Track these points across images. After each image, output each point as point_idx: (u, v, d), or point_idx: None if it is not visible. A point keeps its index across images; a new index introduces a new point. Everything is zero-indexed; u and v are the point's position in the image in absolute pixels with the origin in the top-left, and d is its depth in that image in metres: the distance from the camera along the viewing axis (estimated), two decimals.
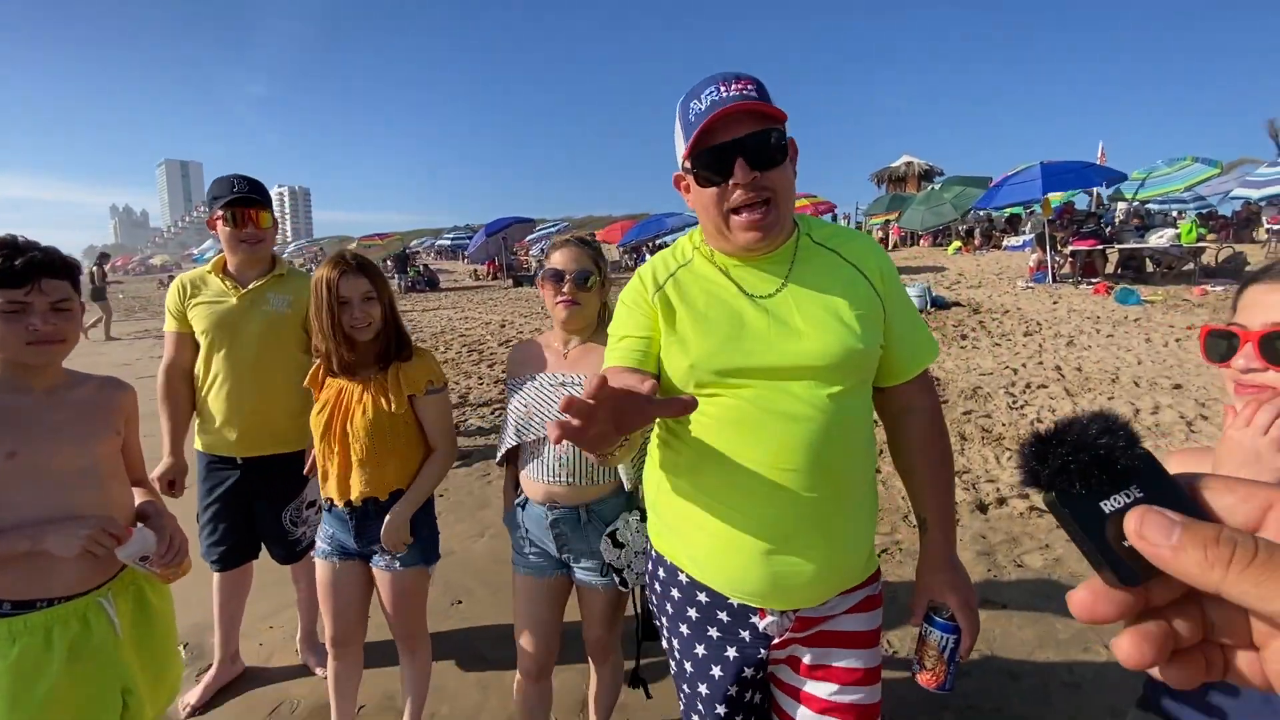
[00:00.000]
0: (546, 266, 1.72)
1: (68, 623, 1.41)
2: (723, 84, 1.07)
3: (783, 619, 1.17)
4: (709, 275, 1.20)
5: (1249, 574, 0.26)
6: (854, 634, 1.21)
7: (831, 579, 1.15)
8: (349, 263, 1.78)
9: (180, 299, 2.25)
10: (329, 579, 1.94)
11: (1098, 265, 12.25)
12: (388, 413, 1.79)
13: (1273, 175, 13.27)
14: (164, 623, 1.63)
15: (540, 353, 1.79)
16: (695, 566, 1.20)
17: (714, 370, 1.13)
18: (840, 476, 1.12)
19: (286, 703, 2.40)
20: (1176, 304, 9.35)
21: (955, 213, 17.94)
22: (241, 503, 2.31)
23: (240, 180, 2.24)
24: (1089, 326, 8.22)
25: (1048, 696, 2.24)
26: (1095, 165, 12.87)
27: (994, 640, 2.53)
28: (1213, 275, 11.41)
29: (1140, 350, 6.86)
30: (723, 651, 1.20)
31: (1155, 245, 11.53)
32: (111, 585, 1.49)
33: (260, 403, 2.23)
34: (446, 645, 2.62)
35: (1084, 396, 5.46)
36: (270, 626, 2.86)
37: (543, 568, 1.78)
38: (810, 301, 1.14)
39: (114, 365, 9.64)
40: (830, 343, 1.10)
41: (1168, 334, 7.47)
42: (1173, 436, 4.46)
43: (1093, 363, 6.52)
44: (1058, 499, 0.33)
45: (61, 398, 1.46)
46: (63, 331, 1.41)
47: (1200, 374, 5.86)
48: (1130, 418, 4.70)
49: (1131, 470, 0.32)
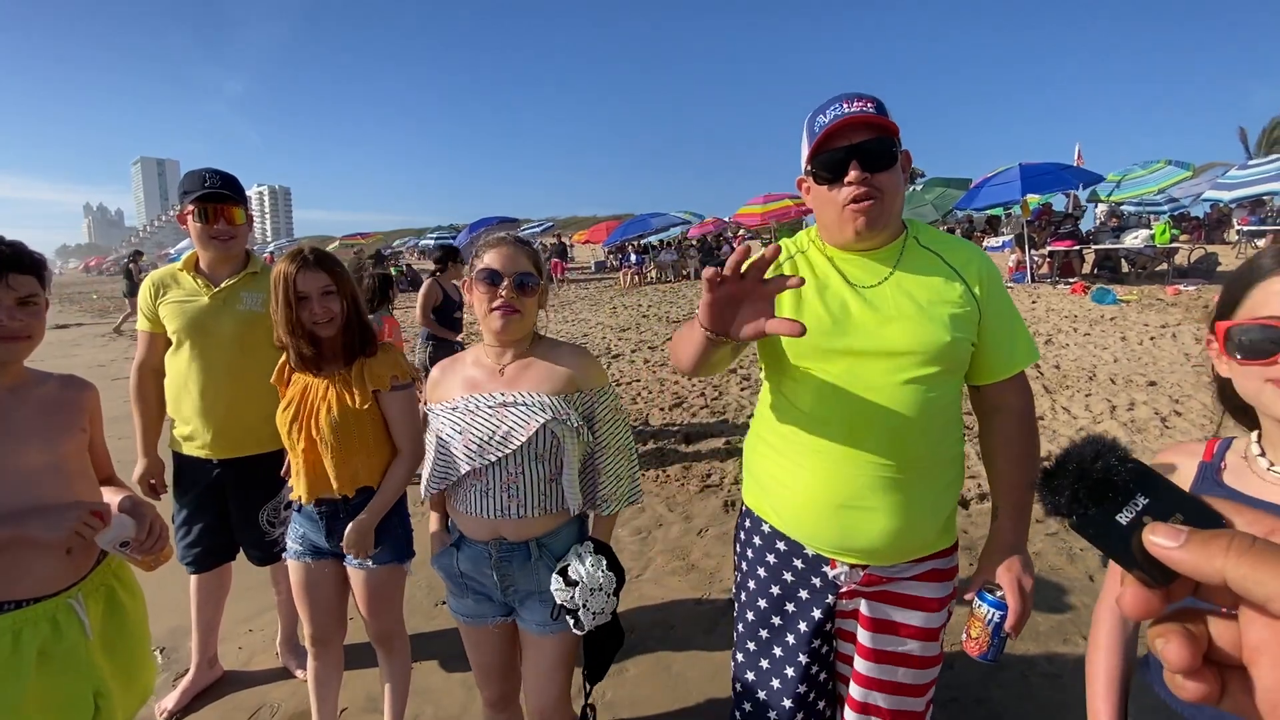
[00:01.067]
0: (478, 266, 1.49)
1: (37, 625, 1.37)
2: (845, 101, 1.25)
3: (852, 571, 1.32)
4: (820, 264, 1.35)
5: (1246, 559, 0.29)
6: (917, 598, 1.34)
7: (897, 543, 1.27)
8: (306, 258, 1.75)
9: (151, 298, 2.20)
10: (303, 579, 1.91)
11: (1075, 265, 12.47)
12: (352, 409, 1.75)
13: (1242, 178, 13.60)
14: (136, 624, 1.59)
15: (470, 372, 1.58)
16: (779, 519, 1.38)
17: (813, 346, 1.27)
18: (913, 453, 1.25)
19: (267, 706, 2.36)
20: (1151, 303, 9.55)
21: (937, 213, 18.12)
22: (217, 504, 2.27)
23: (212, 174, 2.18)
24: (1067, 325, 8.36)
25: (1028, 686, 2.27)
26: (1073, 167, 13.10)
27: None
28: (1185, 275, 11.67)
29: (1116, 348, 6.99)
30: (796, 593, 1.37)
31: (1130, 246, 11.77)
32: (81, 586, 1.45)
33: (235, 403, 2.19)
34: (430, 646, 2.60)
35: (1062, 394, 5.55)
36: (249, 630, 2.82)
37: (483, 614, 1.61)
38: (907, 295, 1.27)
39: (88, 365, 9.44)
40: (918, 332, 1.24)
41: (1143, 332, 7.62)
42: (1148, 432, 4.55)
43: (1071, 360, 6.63)
44: (1079, 523, 0.37)
45: (25, 395, 1.42)
46: (29, 327, 1.38)
47: (1174, 371, 5.98)
48: (1116, 437, 4.78)
49: (1132, 483, 0.36)
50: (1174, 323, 8.04)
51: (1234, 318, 0.93)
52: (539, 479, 1.50)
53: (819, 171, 1.27)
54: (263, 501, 2.30)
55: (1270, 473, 0.93)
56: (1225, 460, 0.99)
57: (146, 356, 2.24)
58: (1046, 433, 4.65)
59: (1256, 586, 0.29)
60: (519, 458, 1.47)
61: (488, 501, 1.50)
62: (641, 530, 3.62)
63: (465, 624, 1.65)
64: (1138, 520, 0.34)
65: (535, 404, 1.47)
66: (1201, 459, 1.02)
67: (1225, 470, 0.98)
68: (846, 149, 1.22)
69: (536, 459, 1.48)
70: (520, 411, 1.47)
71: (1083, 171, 12.66)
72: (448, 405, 1.55)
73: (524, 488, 1.49)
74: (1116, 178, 15.16)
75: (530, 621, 1.56)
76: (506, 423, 1.46)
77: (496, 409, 1.49)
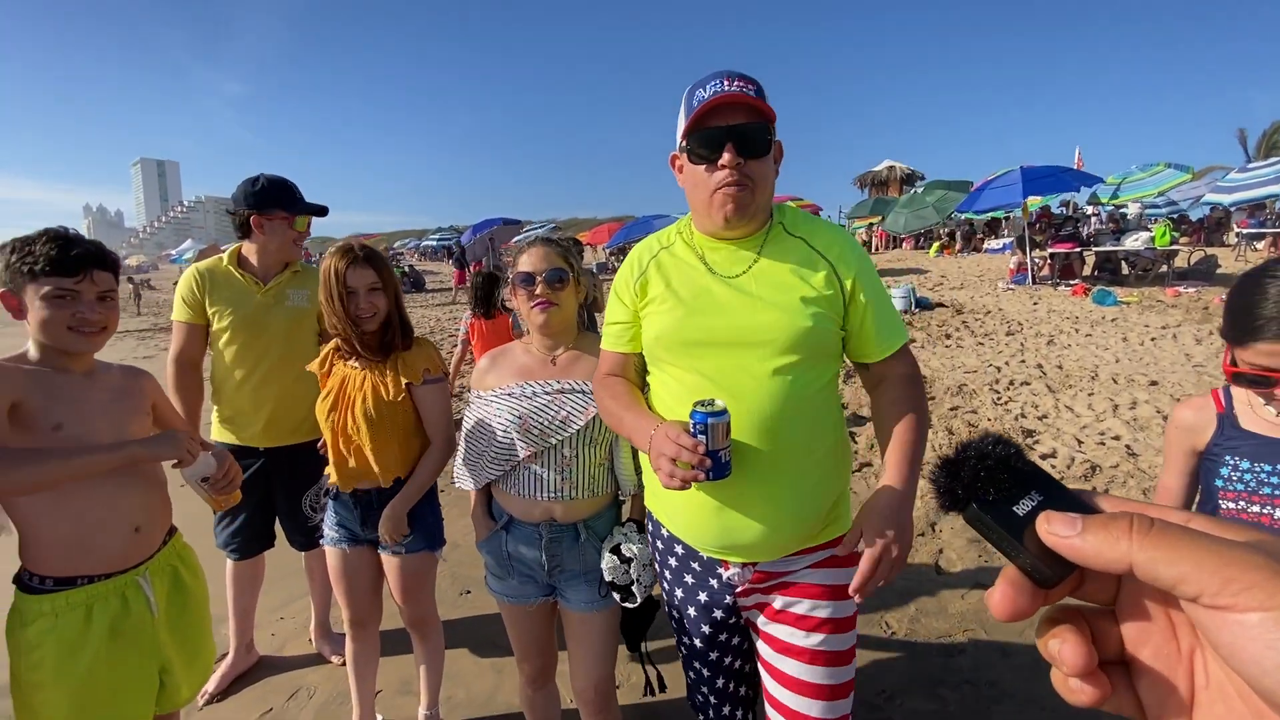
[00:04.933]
0: (515, 271, 1.61)
1: (108, 600, 1.46)
2: (726, 79, 1.21)
3: (744, 570, 1.32)
4: (685, 257, 1.35)
5: (1150, 540, 0.27)
6: (817, 586, 1.31)
7: (779, 538, 1.25)
8: (356, 254, 1.83)
9: (198, 290, 2.25)
10: (340, 565, 1.99)
11: (1076, 267, 12.57)
12: (386, 400, 1.81)
13: (1242, 181, 13.71)
14: (198, 604, 1.68)
15: (523, 361, 1.67)
16: (671, 524, 1.39)
17: (677, 341, 1.28)
18: (786, 445, 1.22)
19: (304, 689, 2.44)
20: (1151, 305, 9.65)
21: (938, 216, 18.26)
22: (259, 492, 2.35)
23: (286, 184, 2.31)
24: (1068, 326, 8.46)
25: (1038, 671, 2.36)
26: (1073, 170, 13.20)
27: (986, 622, 2.64)
28: (1185, 277, 11.77)
29: (1118, 349, 7.08)
30: (696, 595, 1.39)
31: (1130, 248, 11.87)
32: (149, 565, 1.54)
33: (285, 395, 2.27)
34: (458, 633, 2.68)
35: (1065, 393, 5.64)
36: (280, 618, 2.90)
37: (527, 593, 1.68)
38: (771, 282, 1.26)
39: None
40: (781, 319, 1.22)
41: (1144, 333, 7.71)
42: (1150, 430, 4.63)
43: (1073, 360, 6.72)
44: (977, 510, 0.36)
45: (96, 381, 1.52)
46: (107, 319, 1.48)
47: (1175, 370, 6.07)
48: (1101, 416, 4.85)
49: (1031, 474, 0.36)
50: (1174, 324, 8.14)
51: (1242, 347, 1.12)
52: (590, 463, 1.59)
53: (694, 149, 1.23)
54: (306, 488, 2.39)
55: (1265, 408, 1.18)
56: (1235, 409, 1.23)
57: (185, 347, 2.27)
58: (1051, 430, 4.74)
59: (1167, 568, 0.27)
60: (574, 441, 1.56)
61: (542, 484, 1.58)
62: None
63: (508, 604, 1.72)
64: (1033, 514, 0.34)
65: (590, 391, 1.56)
66: (1217, 410, 1.24)
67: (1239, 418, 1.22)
68: (724, 129, 1.19)
69: (590, 443, 1.57)
70: (578, 398, 1.56)
71: (1082, 174, 12.76)
72: (501, 390, 1.62)
73: (577, 471, 1.58)
74: (1116, 180, 15.28)
75: (577, 601, 1.64)
76: (566, 408, 1.55)
77: (555, 395, 1.57)
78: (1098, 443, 4.46)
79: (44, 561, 1.42)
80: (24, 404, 1.36)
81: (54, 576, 1.42)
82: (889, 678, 2.36)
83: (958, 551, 3.21)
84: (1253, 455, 1.18)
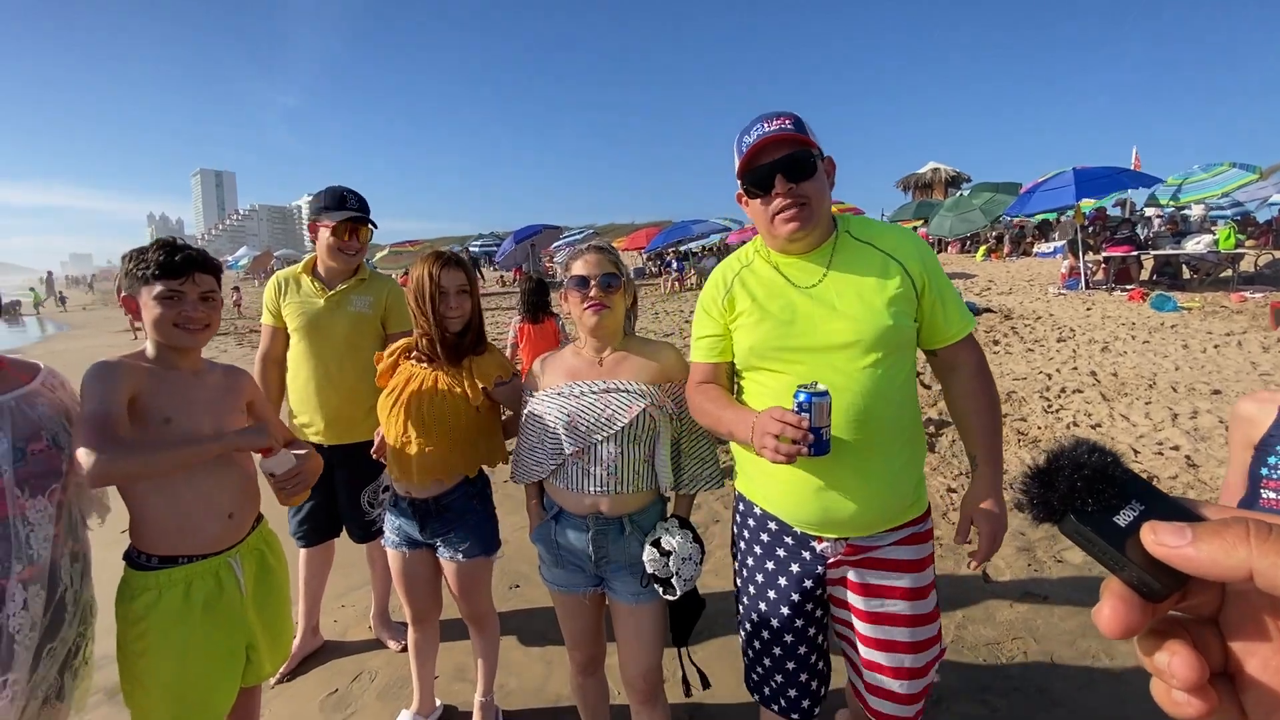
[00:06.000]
0: (570, 275, 1.70)
1: (204, 578, 1.59)
2: (766, 121, 1.39)
3: (835, 544, 1.46)
4: (765, 273, 1.51)
5: (1272, 546, 0.26)
6: (899, 560, 1.46)
7: (872, 514, 1.41)
8: (449, 258, 1.93)
9: (276, 296, 2.46)
10: (401, 567, 2.09)
11: (1132, 271, 12.10)
12: (452, 401, 1.87)
13: None
14: (281, 587, 1.81)
15: (571, 362, 1.75)
16: (768, 503, 1.53)
17: (770, 349, 1.44)
18: (877, 430, 1.38)
19: (366, 673, 2.58)
20: (1214, 310, 9.22)
21: (985, 219, 17.79)
22: (325, 485, 2.49)
23: (350, 194, 2.42)
24: (1124, 332, 8.16)
25: (1090, 679, 2.33)
26: (1129, 170, 12.72)
27: (1036, 630, 2.61)
28: (1251, 282, 11.21)
29: (1178, 356, 6.81)
30: (788, 567, 1.51)
31: (1192, 252, 11.37)
32: (239, 548, 1.67)
33: (345, 395, 2.42)
34: (508, 625, 2.78)
35: (1120, 401, 5.46)
36: (342, 605, 3.06)
37: (577, 583, 1.75)
38: (847, 287, 1.40)
39: None
40: (863, 321, 1.36)
41: (1205, 340, 7.39)
42: (1212, 440, 4.46)
43: (1128, 368, 6.49)
44: (1077, 520, 0.34)
45: (202, 378, 1.67)
46: (209, 318, 1.63)
47: (1240, 380, 5.81)
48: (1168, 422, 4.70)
49: (1129, 481, 0.34)
50: (1239, 331, 7.77)
51: None
52: (635, 459, 1.66)
53: (750, 187, 1.42)
54: (365, 484, 2.52)
55: None
56: None
57: (269, 348, 2.49)
58: (1105, 439, 4.61)
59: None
60: (620, 439, 1.63)
61: (588, 479, 1.65)
62: (700, 525, 3.75)
63: (559, 593, 1.80)
64: (1135, 524, 0.32)
65: (635, 391, 1.63)
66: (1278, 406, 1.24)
67: None
68: (770, 165, 1.36)
69: (634, 440, 1.64)
70: (622, 397, 1.63)
71: (1140, 175, 12.29)
72: (552, 391, 1.71)
73: (622, 467, 1.64)
74: (1176, 181, 14.65)
75: (623, 592, 1.70)
76: (611, 406, 1.63)
77: (601, 394, 1.65)
78: (1155, 453, 4.32)
79: (151, 541, 1.56)
80: (140, 397, 1.51)
81: (159, 555, 1.56)
82: (935, 683, 2.36)
83: (1006, 560, 3.17)
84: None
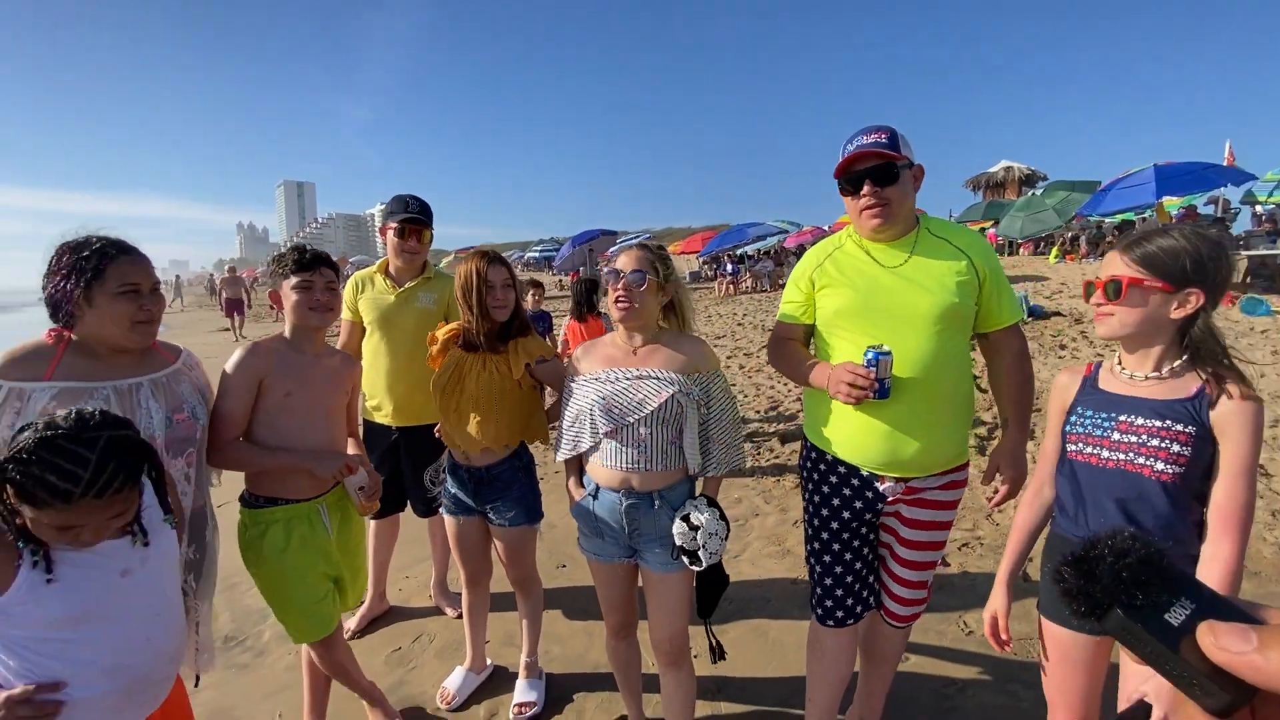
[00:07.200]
0: (609, 267, 1.87)
1: (300, 519, 1.93)
2: (866, 134, 1.72)
3: (896, 485, 1.76)
4: (855, 254, 1.82)
5: None
6: (939, 501, 1.82)
7: (928, 459, 1.73)
8: (493, 256, 2.18)
9: (354, 294, 2.75)
10: (456, 531, 2.33)
11: None
12: (497, 379, 2.09)
13: None
14: (359, 534, 2.15)
15: (609, 351, 1.92)
16: (838, 448, 1.81)
17: (852, 314, 1.76)
18: (937, 388, 1.70)
19: (425, 635, 2.85)
20: None
21: (1059, 219, 16.94)
22: (393, 462, 2.77)
23: (413, 200, 2.70)
24: None
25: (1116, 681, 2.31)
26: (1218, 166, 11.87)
27: None
28: None
29: (1266, 363, 6.39)
30: (853, 503, 1.82)
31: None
32: (325, 498, 1.99)
33: (412, 382, 2.67)
34: (554, 601, 2.99)
35: None
36: (406, 576, 3.35)
37: (612, 552, 1.91)
38: (925, 270, 1.72)
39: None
40: (936, 298, 1.68)
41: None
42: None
43: None
44: (1126, 616, 0.30)
45: (322, 361, 2.00)
46: (333, 304, 1.97)
47: None
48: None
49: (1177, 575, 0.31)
50: None
51: None
52: (663, 440, 1.82)
53: (844, 187, 1.77)
54: (428, 463, 2.79)
55: (1120, 370, 1.46)
56: (1099, 373, 1.51)
57: (347, 340, 2.79)
58: None
59: None
60: (649, 421, 1.79)
61: (621, 457, 1.82)
62: (739, 519, 3.87)
63: (595, 561, 1.97)
64: (1189, 623, 0.28)
65: (665, 378, 1.80)
66: (1084, 374, 1.50)
67: (1100, 378, 1.50)
68: (860, 172, 1.71)
69: (662, 423, 1.80)
70: (653, 384, 1.79)
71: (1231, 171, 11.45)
72: (590, 376, 1.88)
73: (651, 446, 1.80)
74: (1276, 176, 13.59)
75: (654, 562, 1.86)
76: (642, 391, 1.79)
77: (634, 381, 1.81)
78: None
79: (260, 485, 1.92)
80: (268, 378, 1.86)
81: (265, 496, 1.91)
82: (961, 671, 2.41)
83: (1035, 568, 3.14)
84: (1095, 406, 1.47)
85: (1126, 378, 1.45)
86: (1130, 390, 1.43)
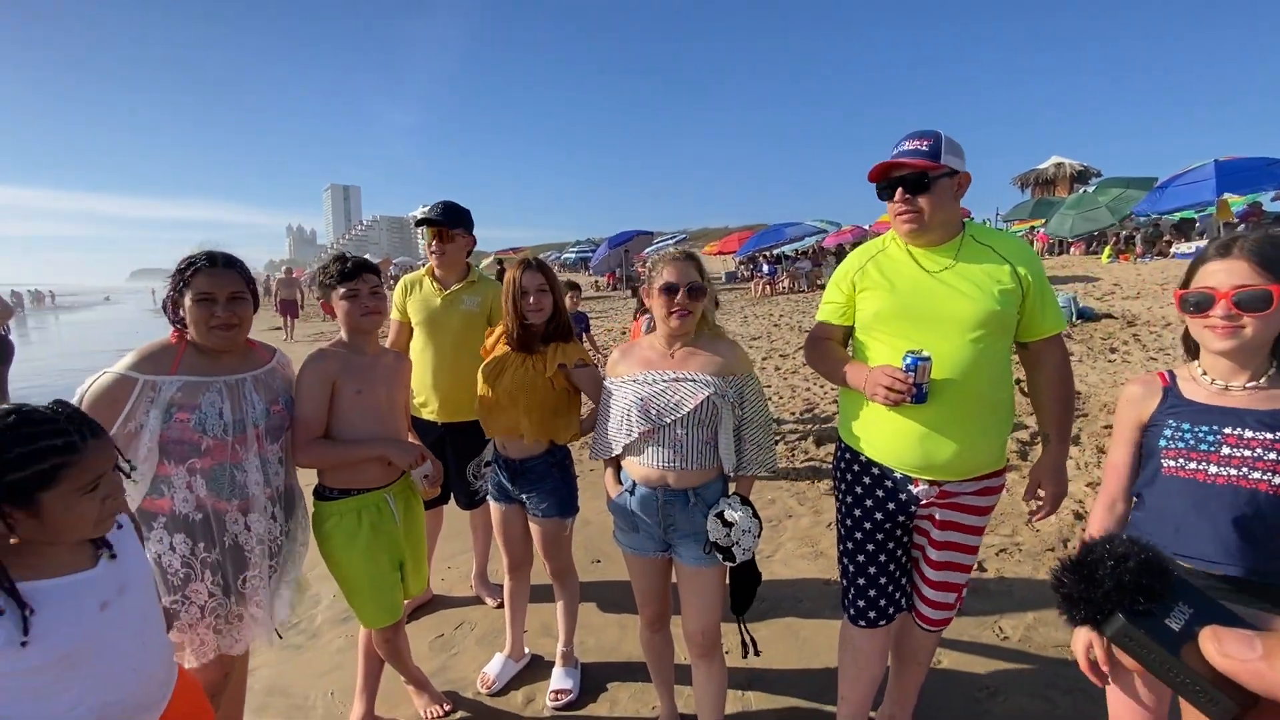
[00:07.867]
0: (660, 281, 1.89)
1: (370, 508, 2.07)
2: (909, 141, 1.74)
3: (930, 488, 1.75)
4: (899, 257, 1.83)
5: None
6: (973, 506, 1.81)
7: (963, 464, 1.72)
8: (530, 263, 2.28)
9: (403, 295, 2.89)
10: (499, 517, 2.46)
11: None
12: (535, 376, 2.20)
13: None
14: (421, 523, 2.29)
15: (647, 354, 1.99)
16: (872, 450, 1.83)
17: (893, 315, 1.77)
18: (974, 394, 1.69)
19: (466, 623, 2.97)
20: None
21: (1112, 218, 16.35)
22: (437, 457, 2.90)
23: (435, 205, 2.85)
24: None
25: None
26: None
27: None
28: None
29: None
30: (886, 505, 1.83)
31: None
32: (391, 488, 2.12)
33: (457, 380, 2.79)
34: (590, 594, 3.08)
35: None
36: (449, 567, 3.49)
37: (647, 546, 1.98)
38: (967, 277, 1.72)
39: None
40: (977, 303, 1.68)
41: None
42: None
43: None
44: (1128, 621, 0.30)
45: (381, 360, 2.15)
46: (380, 307, 2.11)
47: None
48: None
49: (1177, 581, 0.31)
50: None
51: (1187, 288, 1.36)
52: (698, 440, 1.88)
53: (880, 191, 1.80)
54: (471, 458, 2.91)
55: (1204, 379, 1.39)
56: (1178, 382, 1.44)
57: (395, 340, 2.93)
58: None
59: None
60: (686, 422, 1.86)
61: (658, 455, 1.89)
62: (772, 520, 3.89)
63: (631, 554, 2.04)
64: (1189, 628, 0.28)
65: (701, 381, 1.86)
66: (1162, 385, 1.41)
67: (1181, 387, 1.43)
68: (893, 180, 1.73)
69: (698, 424, 1.86)
70: (690, 386, 1.86)
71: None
72: (629, 377, 1.96)
73: (687, 446, 1.87)
74: None
75: (688, 557, 1.93)
76: (679, 393, 1.86)
77: (671, 383, 1.88)
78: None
79: (334, 479, 2.06)
80: (339, 379, 2.01)
81: (338, 488, 2.05)
82: (995, 677, 2.40)
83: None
84: (1192, 419, 1.37)
85: (1220, 388, 1.36)
86: (1224, 400, 1.34)
